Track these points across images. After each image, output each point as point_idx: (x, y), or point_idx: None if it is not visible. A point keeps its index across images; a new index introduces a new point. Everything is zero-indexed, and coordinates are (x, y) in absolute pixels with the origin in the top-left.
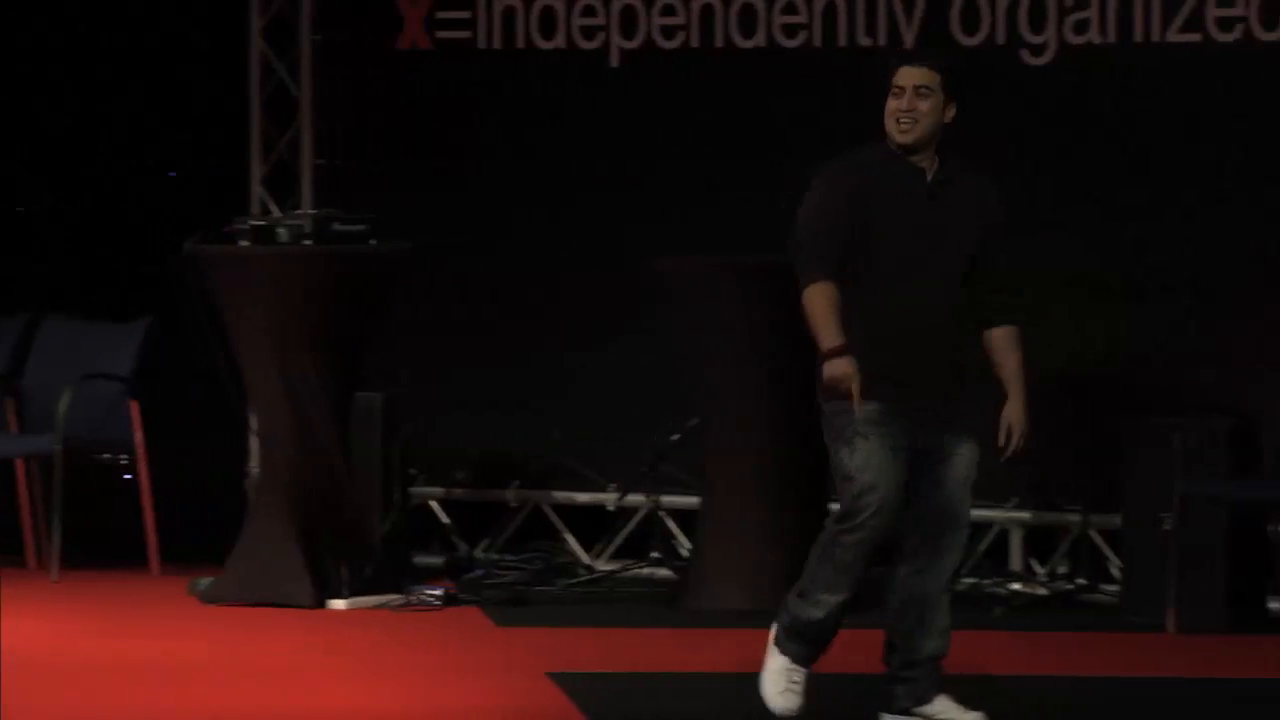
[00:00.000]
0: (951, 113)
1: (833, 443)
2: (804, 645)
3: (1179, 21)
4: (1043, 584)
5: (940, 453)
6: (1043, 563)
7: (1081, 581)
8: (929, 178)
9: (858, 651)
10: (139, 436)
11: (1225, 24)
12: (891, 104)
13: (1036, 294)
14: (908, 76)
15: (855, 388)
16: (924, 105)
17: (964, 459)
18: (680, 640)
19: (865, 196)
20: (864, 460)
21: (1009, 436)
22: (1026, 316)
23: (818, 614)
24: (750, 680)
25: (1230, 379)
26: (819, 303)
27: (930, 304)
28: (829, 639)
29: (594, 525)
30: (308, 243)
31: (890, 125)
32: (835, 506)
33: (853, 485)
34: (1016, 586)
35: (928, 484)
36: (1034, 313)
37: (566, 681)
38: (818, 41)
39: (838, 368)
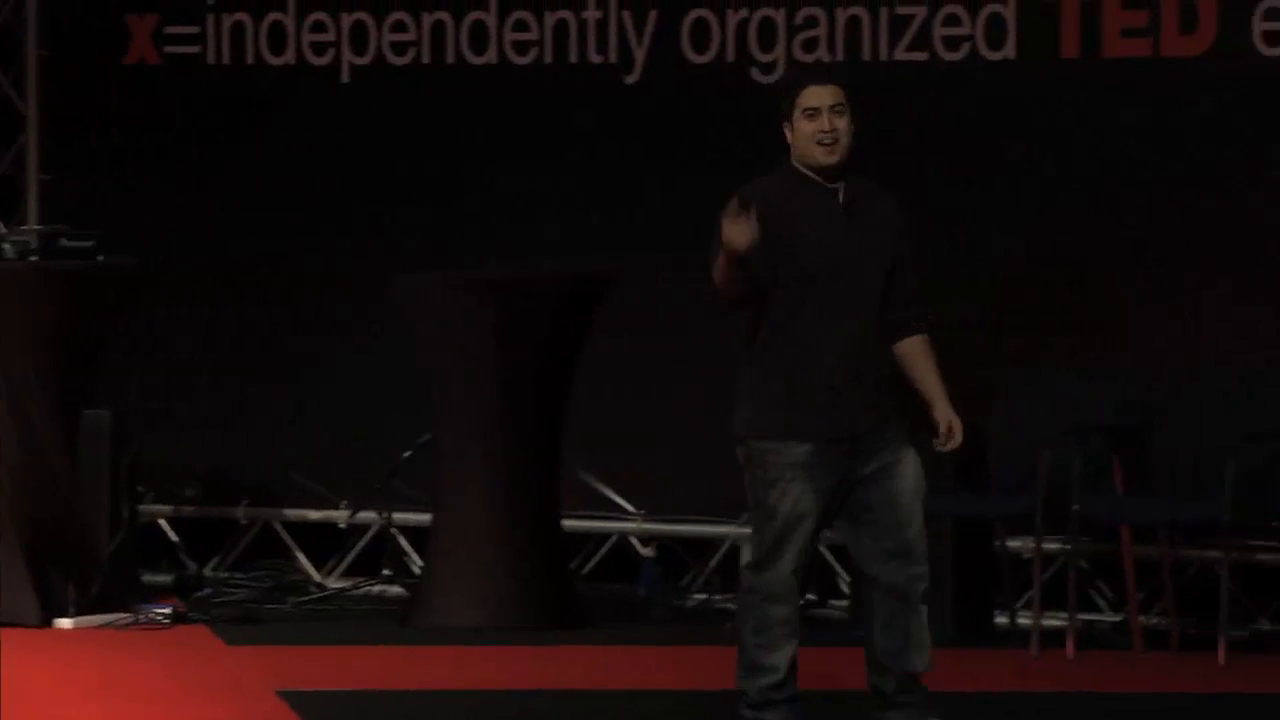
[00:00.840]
0: (853, 127)
1: (758, 481)
2: (780, 711)
3: (906, 40)
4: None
5: (884, 471)
6: None
7: (811, 597)
8: (840, 197)
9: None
10: None
11: (951, 43)
12: (808, 126)
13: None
14: (820, 96)
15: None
16: (842, 123)
17: (909, 471)
18: (412, 658)
19: (775, 221)
20: (792, 503)
21: (950, 434)
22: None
23: (778, 676)
24: (484, 696)
25: (961, 395)
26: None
27: (855, 326)
28: (796, 692)
29: (325, 543)
30: (34, 259)
31: (808, 148)
32: (746, 552)
33: (775, 524)
34: None
35: (881, 503)
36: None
37: (297, 700)
38: (549, 58)
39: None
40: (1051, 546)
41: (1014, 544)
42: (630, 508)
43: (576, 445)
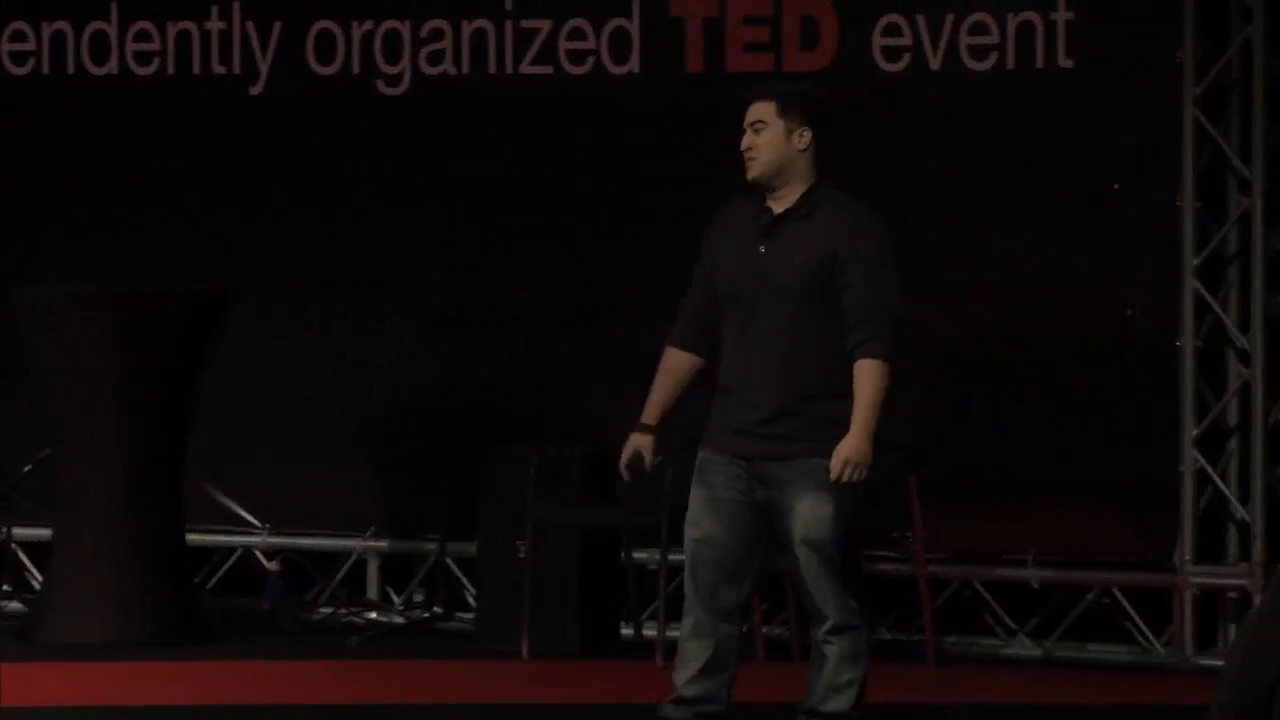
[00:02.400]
0: (803, 137)
1: None
2: None
3: (531, 54)
4: (399, 612)
5: (774, 507)
6: (399, 591)
7: (438, 610)
8: (777, 212)
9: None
10: None
11: (577, 57)
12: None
13: (389, 322)
14: (748, 113)
15: (624, 459)
16: (759, 140)
17: (800, 517)
18: (32, 674)
19: (712, 244)
20: (690, 508)
21: (842, 467)
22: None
23: (675, 693)
24: (108, 712)
25: (586, 405)
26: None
27: (778, 345)
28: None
29: None
30: None
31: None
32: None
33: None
34: (373, 615)
35: (782, 542)
36: (382, 340)
37: None
38: (171, 69)
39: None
40: (677, 558)
41: (640, 556)
42: (255, 521)
43: (201, 458)
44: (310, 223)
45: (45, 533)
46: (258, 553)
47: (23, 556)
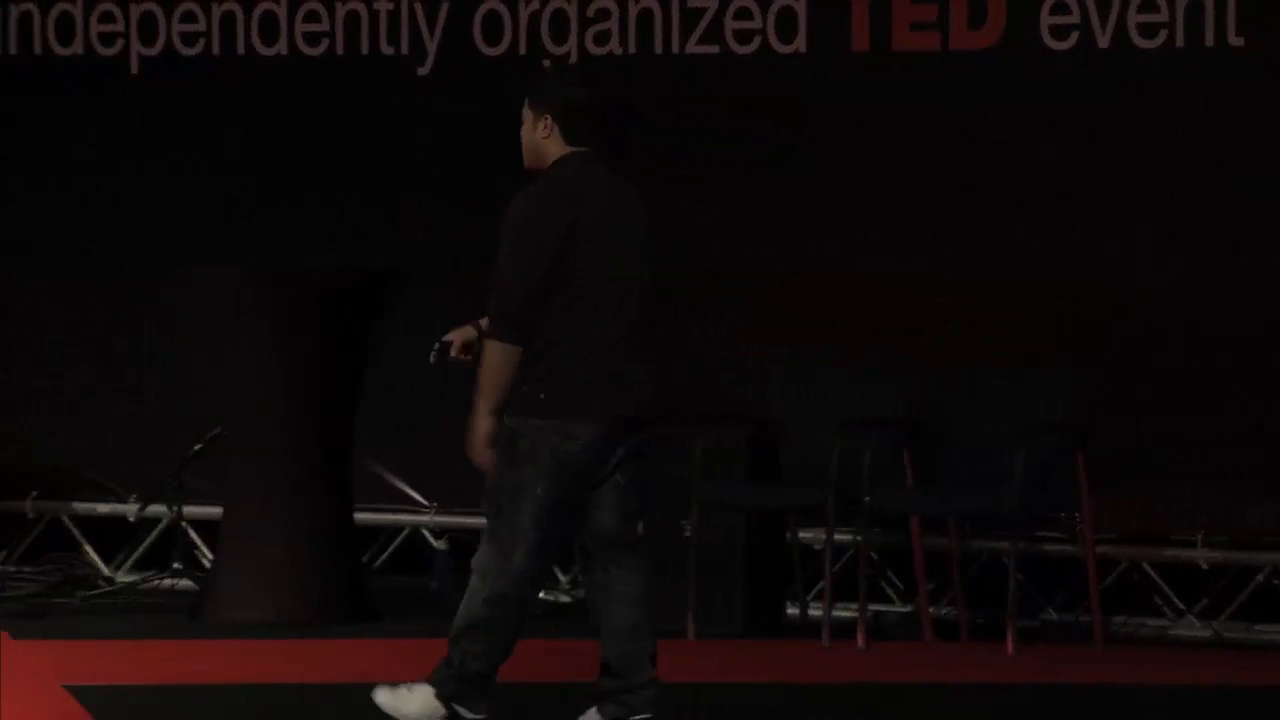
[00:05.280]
0: (541, 125)
1: None
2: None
3: (697, 33)
4: (565, 591)
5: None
6: (565, 570)
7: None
8: None
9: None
10: None
11: (743, 36)
12: None
13: None
14: None
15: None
16: (522, 131)
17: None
18: (202, 652)
19: None
20: None
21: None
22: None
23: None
24: (274, 690)
25: (749, 385)
26: None
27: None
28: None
29: (114, 536)
30: None
31: None
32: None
33: None
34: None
35: None
36: None
37: (85, 694)
38: (340, 49)
39: None
40: (842, 538)
41: (805, 535)
42: (423, 500)
43: (370, 437)
44: (477, 203)
45: (215, 512)
46: (425, 531)
47: (194, 535)
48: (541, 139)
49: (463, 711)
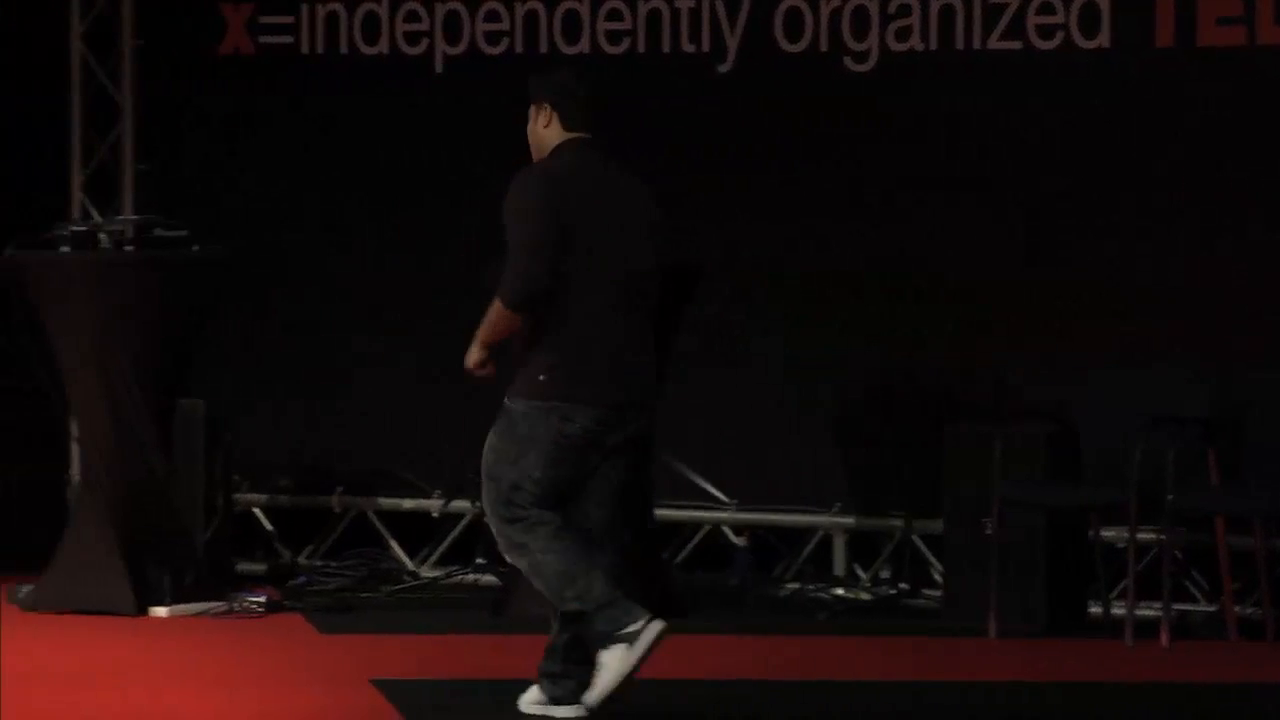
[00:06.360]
0: (542, 116)
1: None
2: None
3: (999, 29)
4: (866, 589)
5: None
6: (866, 568)
7: (904, 586)
8: None
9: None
10: None
11: (1045, 32)
12: None
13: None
14: None
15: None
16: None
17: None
18: (504, 647)
19: None
20: None
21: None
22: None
23: None
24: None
25: (1049, 383)
26: None
27: None
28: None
29: (419, 532)
30: (129, 248)
31: None
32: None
33: None
34: (840, 592)
35: None
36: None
37: (390, 688)
38: (642, 47)
39: None
40: (1145, 536)
41: (1108, 534)
42: (723, 497)
43: (669, 434)
44: (781, 203)
45: None
46: (726, 528)
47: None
48: (542, 129)
49: (629, 628)
